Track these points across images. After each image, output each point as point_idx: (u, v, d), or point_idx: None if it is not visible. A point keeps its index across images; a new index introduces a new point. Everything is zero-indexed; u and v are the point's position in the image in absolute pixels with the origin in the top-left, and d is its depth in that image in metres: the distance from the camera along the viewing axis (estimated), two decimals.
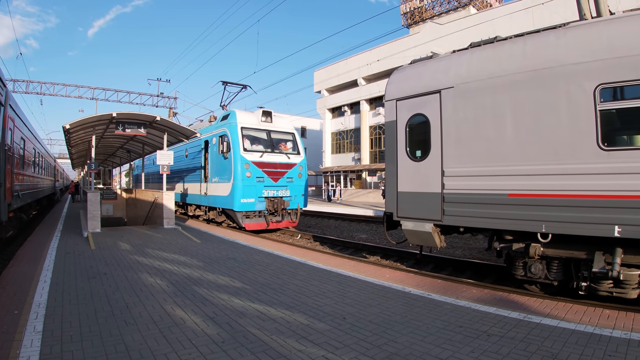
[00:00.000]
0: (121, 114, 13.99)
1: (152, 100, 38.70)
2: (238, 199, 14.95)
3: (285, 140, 17.07)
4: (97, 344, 4.31)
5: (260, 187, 15.35)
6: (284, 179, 16.07)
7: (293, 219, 16.57)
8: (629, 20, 5.64)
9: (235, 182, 15.02)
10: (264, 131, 16.52)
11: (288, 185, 16.14)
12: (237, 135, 15.50)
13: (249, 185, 15.10)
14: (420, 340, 4.53)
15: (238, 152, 15.22)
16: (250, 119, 16.47)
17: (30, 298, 5.96)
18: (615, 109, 5.69)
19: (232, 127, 15.81)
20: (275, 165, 15.90)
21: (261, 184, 15.39)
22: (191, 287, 6.71)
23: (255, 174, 15.27)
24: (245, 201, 15.02)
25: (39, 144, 21.43)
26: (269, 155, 15.95)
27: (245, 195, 15.00)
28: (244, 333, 4.67)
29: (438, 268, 9.92)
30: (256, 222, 15.54)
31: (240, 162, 15.06)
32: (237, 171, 15.03)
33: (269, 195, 15.57)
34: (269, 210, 15.62)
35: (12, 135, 11.53)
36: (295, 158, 16.73)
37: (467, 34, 28.37)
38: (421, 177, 7.79)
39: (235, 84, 20.30)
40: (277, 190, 15.78)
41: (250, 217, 15.45)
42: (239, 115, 16.25)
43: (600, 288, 5.95)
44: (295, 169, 16.50)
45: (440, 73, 7.63)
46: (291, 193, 16.20)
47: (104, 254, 9.59)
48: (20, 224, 16.18)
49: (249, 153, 15.43)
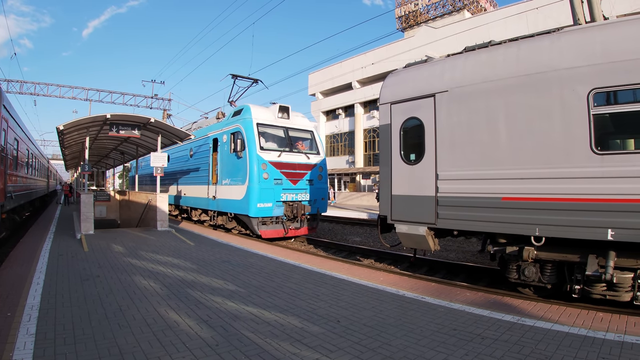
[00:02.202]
0: (115, 115, 13.92)
1: (146, 102, 38.61)
2: (254, 204, 13.40)
3: (303, 138, 15.64)
4: (91, 346, 4.28)
5: (278, 190, 13.87)
6: (304, 181, 14.63)
7: (313, 226, 15.28)
8: (623, 25, 5.70)
9: (251, 185, 13.48)
10: (281, 128, 14.97)
11: (308, 188, 14.72)
12: (253, 132, 13.94)
13: (266, 188, 13.58)
14: (415, 343, 4.53)
15: (254, 151, 13.64)
16: (266, 114, 14.84)
17: (23, 300, 5.90)
18: (609, 114, 5.74)
19: (247, 123, 14.20)
20: (294, 166, 14.41)
21: (279, 186, 13.90)
22: (185, 289, 6.68)
23: (273, 175, 13.76)
24: (262, 206, 13.50)
25: (33, 145, 21.31)
26: (287, 154, 14.42)
27: (262, 199, 13.49)
28: (238, 336, 4.65)
29: (432, 271, 9.95)
30: (274, 229, 14.08)
31: (256, 162, 13.52)
32: (252, 172, 13.50)
33: (288, 199, 14.13)
34: (287, 216, 14.19)
35: (6, 136, 11.47)
36: (315, 158, 15.24)
37: (462, 38, 28.55)
38: (415, 180, 7.81)
39: (245, 77, 18.48)
40: (296, 194, 14.34)
41: (266, 223, 13.99)
42: (254, 111, 14.60)
43: (594, 291, 5.99)
44: (315, 170, 15.03)
45: (434, 77, 7.67)
46: (311, 197, 14.76)
47: (97, 256, 9.53)
48: (13, 225, 16.07)
49: (266, 152, 13.87)
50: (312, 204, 14.67)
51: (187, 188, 19.59)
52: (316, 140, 15.88)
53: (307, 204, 14.33)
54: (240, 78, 18.31)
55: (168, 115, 37.67)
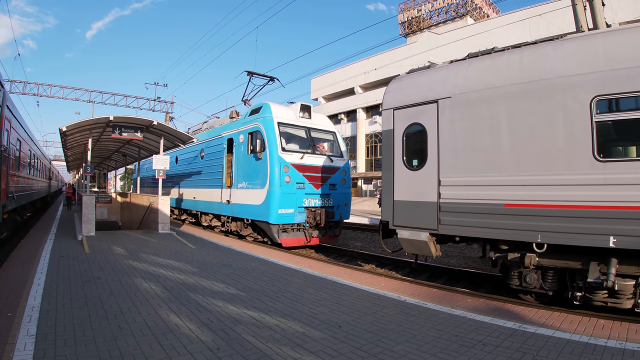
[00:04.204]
0: (118, 117, 13.97)
1: (149, 105, 38.70)
2: (275, 209, 12.36)
3: (325, 140, 14.65)
4: (91, 348, 4.28)
5: (300, 195, 12.83)
6: (327, 186, 13.58)
7: (335, 233, 14.18)
8: (626, 32, 5.71)
9: (272, 189, 12.42)
10: (303, 128, 13.89)
11: (331, 193, 13.70)
12: (274, 131, 12.86)
13: (289, 192, 12.53)
14: (416, 349, 4.52)
15: (275, 152, 12.59)
16: (286, 113, 13.78)
17: (24, 301, 5.91)
18: (612, 121, 5.75)
19: (267, 122, 13.12)
20: (317, 169, 13.38)
21: (301, 191, 12.86)
22: (186, 293, 6.67)
23: (296, 179, 12.74)
24: (283, 212, 12.47)
25: (35, 145, 21.36)
26: (309, 157, 13.30)
27: (283, 204, 12.45)
28: (239, 340, 4.65)
29: (433, 277, 9.92)
30: (295, 237, 13.03)
31: (278, 164, 12.49)
32: (274, 175, 12.45)
33: (310, 204, 13.07)
34: (309, 223, 13.11)
35: (9, 136, 11.49)
36: (339, 161, 14.21)
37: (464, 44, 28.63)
38: (418, 186, 7.81)
39: (262, 75, 17.22)
40: (319, 199, 13.31)
41: (287, 231, 12.94)
42: (275, 109, 13.52)
43: (595, 298, 5.97)
44: (338, 174, 14.00)
45: (437, 83, 7.68)
46: (334, 202, 13.75)
47: (99, 257, 9.53)
48: (14, 226, 16.09)
49: (288, 154, 12.82)
50: (336, 210, 13.75)
51: (197, 191, 18.52)
52: (339, 142, 14.94)
53: (330, 211, 13.44)
54: (256, 76, 17.23)
55: (170, 118, 37.74)
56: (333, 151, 14.52)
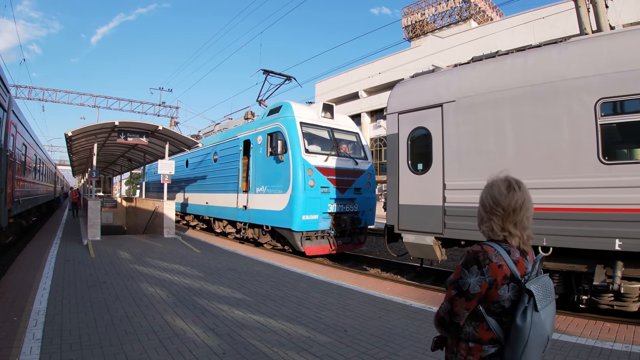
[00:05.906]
0: (123, 122, 14.06)
1: (154, 110, 38.81)
2: (298, 215, 11.49)
3: (348, 141, 13.82)
4: (97, 353, 4.29)
5: (325, 200, 11.98)
6: (351, 190, 12.71)
7: (360, 240, 13.23)
8: (630, 34, 5.71)
9: (295, 193, 11.55)
10: (326, 129, 13.05)
11: (356, 198, 12.84)
12: (297, 132, 11.98)
13: (313, 197, 11.70)
14: (422, 353, 4.50)
15: (298, 154, 11.70)
16: (308, 113, 12.98)
17: (30, 305, 5.94)
18: (616, 123, 5.74)
19: (289, 122, 12.24)
20: (342, 173, 12.52)
21: (326, 195, 12.02)
22: (192, 297, 6.69)
23: (320, 182, 11.89)
24: (307, 218, 11.61)
25: (40, 150, 21.49)
26: (334, 159, 12.45)
27: (307, 210, 11.59)
28: (245, 345, 4.65)
29: (439, 281, 9.88)
30: (319, 244, 12.13)
31: (301, 166, 11.61)
32: (297, 178, 11.58)
33: (335, 210, 12.25)
34: (334, 230, 12.29)
35: (14, 141, 11.58)
36: (363, 164, 13.32)
37: (468, 48, 28.56)
38: (423, 190, 7.81)
39: (278, 74, 16.12)
40: (344, 205, 12.50)
41: (311, 238, 12.01)
42: (296, 108, 12.67)
43: (601, 301, 5.94)
44: (363, 178, 13.12)
45: (442, 87, 7.69)
46: (359, 207, 12.90)
47: (104, 262, 9.57)
48: (20, 230, 16.17)
49: (311, 156, 11.95)
50: (361, 216, 12.93)
51: (210, 196, 17.52)
52: (362, 143, 14.04)
53: (355, 216, 12.65)
54: (273, 74, 16.10)
55: (175, 123, 37.85)
56: (357, 153, 13.71)
